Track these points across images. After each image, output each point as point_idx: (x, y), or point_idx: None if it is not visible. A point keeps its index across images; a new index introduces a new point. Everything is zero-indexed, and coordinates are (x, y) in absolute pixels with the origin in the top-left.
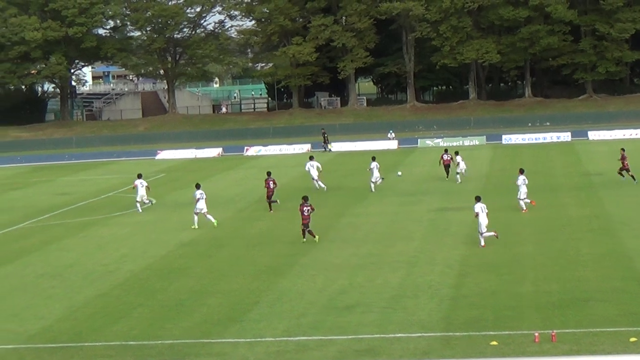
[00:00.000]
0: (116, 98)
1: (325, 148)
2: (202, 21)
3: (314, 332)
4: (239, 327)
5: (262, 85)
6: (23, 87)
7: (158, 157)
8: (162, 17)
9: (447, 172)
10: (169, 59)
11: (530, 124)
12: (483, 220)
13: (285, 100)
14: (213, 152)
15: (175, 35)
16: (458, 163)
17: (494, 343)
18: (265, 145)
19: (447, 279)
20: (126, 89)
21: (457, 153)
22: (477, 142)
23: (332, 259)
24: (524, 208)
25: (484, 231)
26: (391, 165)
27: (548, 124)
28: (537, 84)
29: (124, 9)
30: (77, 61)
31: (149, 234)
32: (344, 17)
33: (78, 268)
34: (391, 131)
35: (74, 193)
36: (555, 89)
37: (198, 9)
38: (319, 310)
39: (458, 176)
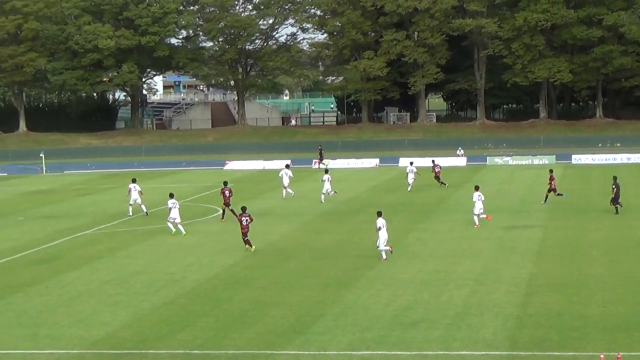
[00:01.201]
0: (186, 108)
1: (319, 165)
2: (274, 33)
3: (378, 346)
4: (302, 339)
5: (332, 99)
6: (95, 94)
7: (226, 167)
8: (235, 28)
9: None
10: (240, 70)
11: (600, 145)
12: (383, 235)
13: (354, 114)
14: (281, 164)
15: (247, 47)
16: (323, 181)
17: None
18: (333, 158)
19: (513, 297)
20: (196, 99)
21: (326, 171)
22: (547, 162)
23: (399, 274)
24: (477, 223)
25: (381, 245)
26: (459, 181)
27: (619, 145)
28: (608, 105)
29: (197, 19)
30: (148, 70)
31: (216, 243)
32: (416, 33)
33: (144, 276)
34: (460, 148)
35: (144, 201)
36: (627, 110)
37: (271, 21)
38: (383, 325)
39: (322, 197)
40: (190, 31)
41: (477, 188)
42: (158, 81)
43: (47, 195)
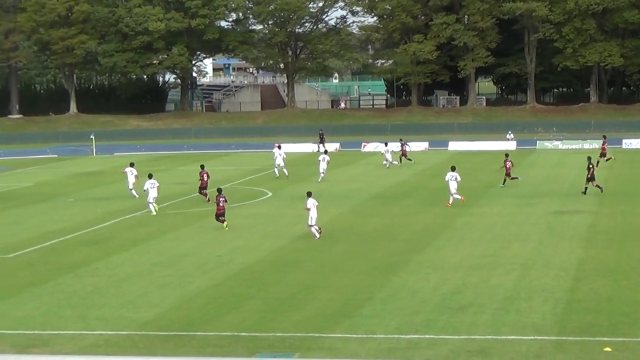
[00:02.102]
0: (236, 90)
1: (319, 148)
2: (324, 16)
3: (426, 330)
4: (350, 322)
5: (382, 82)
6: (145, 76)
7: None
8: (285, 11)
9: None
10: (290, 53)
11: None
12: (313, 214)
13: (404, 97)
14: (330, 147)
15: (296, 30)
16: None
17: (608, 349)
18: (382, 142)
19: (562, 282)
20: (246, 82)
21: (325, 152)
22: (597, 146)
23: (447, 258)
24: (459, 199)
25: (313, 224)
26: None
27: None
28: None
29: (247, 1)
30: (198, 52)
31: (265, 226)
32: (466, 16)
33: (192, 258)
34: (510, 132)
35: (192, 183)
36: None
37: (320, 4)
38: (431, 309)
39: (321, 176)
40: (240, 14)
41: (453, 169)
42: (208, 64)
43: (97, 177)
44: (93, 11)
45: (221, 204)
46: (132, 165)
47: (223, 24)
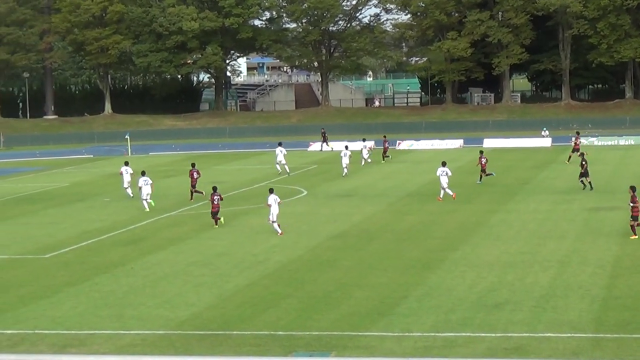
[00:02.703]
0: (270, 89)
1: (322, 148)
2: (357, 14)
3: (462, 328)
4: (386, 320)
5: (416, 80)
6: (179, 76)
7: (310, 148)
8: (318, 9)
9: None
10: (324, 51)
11: None
12: (274, 210)
13: (438, 95)
14: (366, 144)
15: (330, 28)
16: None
17: None
18: (417, 139)
19: (598, 279)
20: (280, 81)
21: (346, 147)
22: (633, 142)
23: (483, 255)
24: (441, 196)
25: (274, 220)
26: (543, 163)
27: None
28: None
29: (280, 0)
30: (232, 52)
31: (300, 225)
32: (500, 13)
33: (228, 257)
34: (545, 129)
35: (227, 182)
36: None
37: (354, 2)
38: (468, 307)
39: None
40: (274, 12)
41: (443, 164)
42: (242, 63)
43: (132, 176)
44: (127, 11)
45: (216, 202)
46: (126, 164)
47: (257, 22)
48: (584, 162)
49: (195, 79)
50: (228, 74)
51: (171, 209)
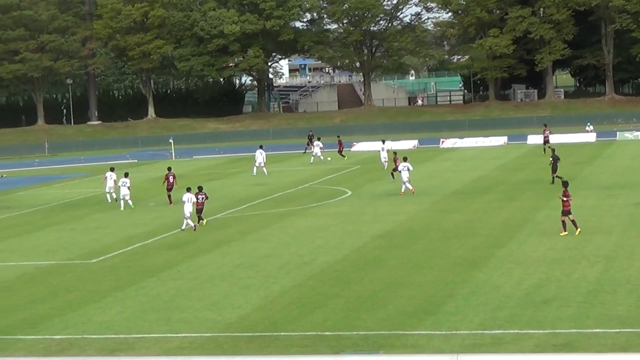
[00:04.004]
0: (312, 90)
1: (305, 150)
2: (398, 13)
3: (510, 325)
4: (433, 319)
5: (458, 78)
6: (221, 79)
7: (354, 149)
8: (359, 10)
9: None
10: (365, 51)
11: None
12: (188, 208)
13: (481, 92)
14: (409, 144)
15: (371, 28)
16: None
17: None
18: (461, 137)
19: None
20: (322, 82)
21: (383, 141)
22: None
23: (529, 252)
24: (409, 189)
25: (187, 216)
26: (588, 159)
27: None
28: None
29: (321, 1)
30: (274, 54)
31: (345, 225)
32: (541, 9)
33: (274, 258)
34: (589, 124)
35: (271, 184)
36: None
37: (395, 1)
38: (515, 304)
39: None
40: (315, 14)
41: (405, 159)
42: (284, 65)
43: (177, 180)
44: (168, 16)
45: (200, 200)
46: (112, 170)
47: (298, 24)
48: (551, 158)
49: (237, 81)
50: (270, 76)
51: (216, 212)
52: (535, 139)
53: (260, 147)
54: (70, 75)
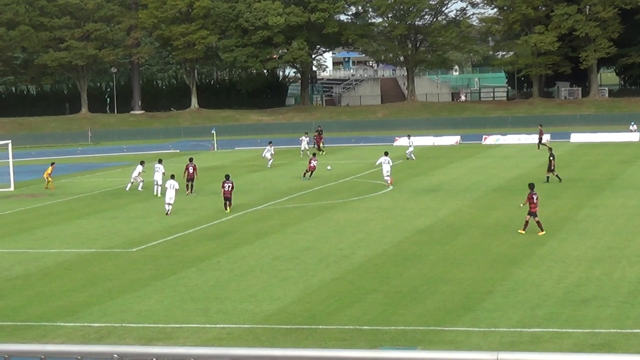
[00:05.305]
0: (356, 84)
1: (315, 144)
2: (443, 8)
3: (549, 324)
4: (472, 316)
5: (502, 74)
6: (265, 71)
7: (396, 143)
8: (404, 4)
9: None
10: (409, 45)
11: None
12: (170, 194)
13: (525, 89)
14: (451, 140)
15: (416, 22)
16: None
17: None
18: (503, 134)
19: None
20: (366, 75)
21: (386, 153)
22: None
23: (570, 250)
24: (389, 182)
25: (170, 202)
26: (631, 158)
27: None
28: None
29: None
30: (318, 46)
31: (386, 219)
32: (587, 6)
33: (314, 251)
34: (633, 123)
35: (313, 177)
36: None
37: None
38: (554, 302)
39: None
40: (360, 7)
41: (386, 153)
42: (327, 57)
43: (218, 171)
44: (213, 7)
45: (226, 189)
46: (142, 163)
47: (342, 17)
48: (551, 158)
49: (281, 73)
50: (314, 68)
51: (256, 204)
52: (577, 137)
53: (270, 143)
54: (115, 64)
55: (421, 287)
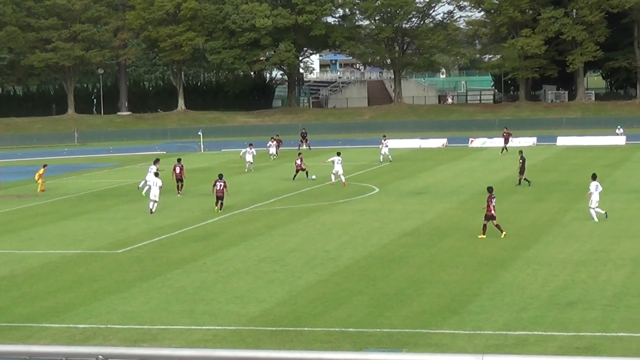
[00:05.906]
0: (343, 86)
1: (299, 146)
2: (430, 11)
3: (534, 327)
4: (458, 318)
5: (489, 77)
6: (252, 73)
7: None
8: (391, 7)
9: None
10: (397, 48)
11: None
12: (154, 192)
13: (511, 92)
14: (438, 142)
15: (403, 25)
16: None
17: None
18: (490, 137)
19: None
20: (353, 78)
21: (338, 154)
22: None
23: (556, 253)
24: (341, 181)
25: (154, 199)
26: (617, 161)
27: None
28: None
29: None
30: (305, 49)
31: (372, 222)
32: (574, 10)
33: (300, 253)
34: (619, 127)
35: (299, 179)
36: None
37: None
38: (540, 305)
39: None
40: (347, 10)
41: (338, 154)
42: (314, 60)
43: (204, 173)
44: (200, 8)
45: (219, 187)
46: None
47: (330, 20)
48: (521, 160)
49: (268, 75)
50: (301, 70)
51: (243, 206)
52: (564, 141)
53: (250, 145)
54: (102, 65)
55: (407, 290)
